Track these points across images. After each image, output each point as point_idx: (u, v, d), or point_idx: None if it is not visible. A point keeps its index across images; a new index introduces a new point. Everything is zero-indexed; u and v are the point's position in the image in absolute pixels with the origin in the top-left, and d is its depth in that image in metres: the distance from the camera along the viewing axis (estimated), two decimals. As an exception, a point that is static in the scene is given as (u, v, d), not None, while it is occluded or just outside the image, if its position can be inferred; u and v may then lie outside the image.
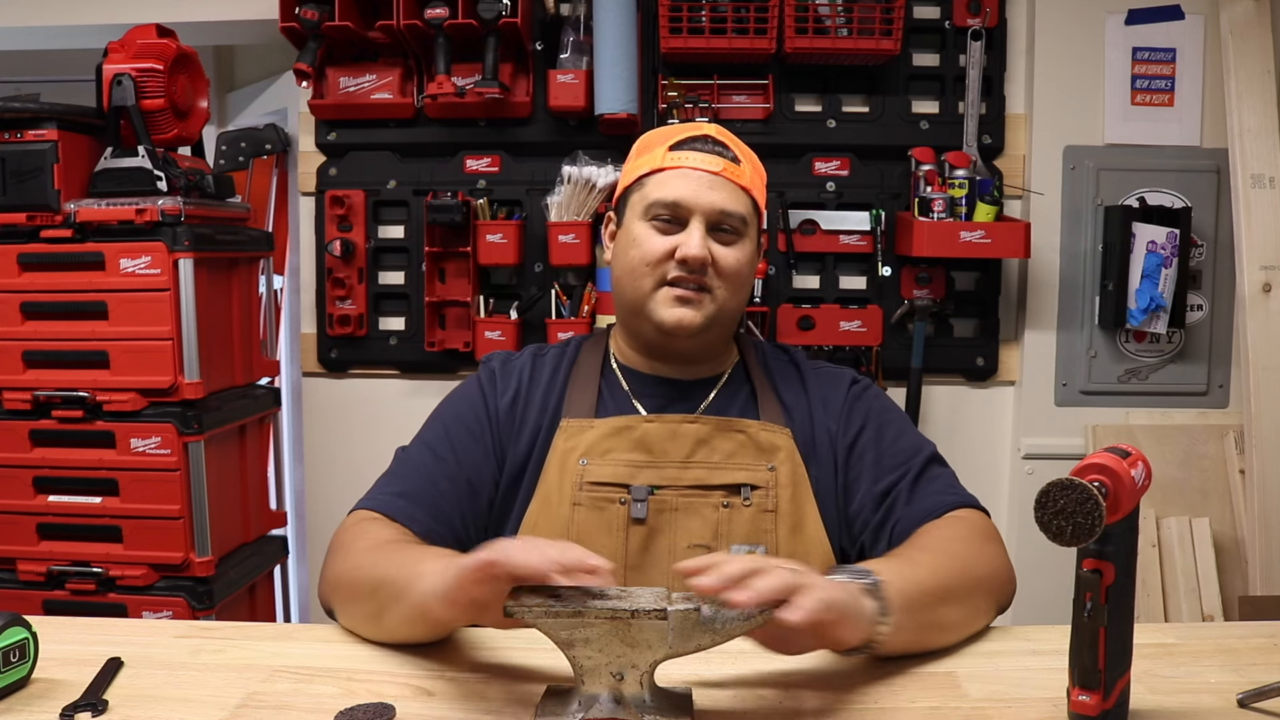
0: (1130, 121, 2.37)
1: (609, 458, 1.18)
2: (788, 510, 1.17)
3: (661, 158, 1.20)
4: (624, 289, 1.22)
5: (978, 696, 0.88)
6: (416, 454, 1.21)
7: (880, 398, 1.28)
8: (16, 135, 1.99)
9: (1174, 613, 2.25)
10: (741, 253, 1.19)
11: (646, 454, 1.18)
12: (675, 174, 1.18)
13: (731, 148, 1.22)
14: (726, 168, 1.18)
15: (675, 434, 1.19)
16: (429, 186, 2.41)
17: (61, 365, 2.04)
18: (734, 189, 1.18)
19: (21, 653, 0.87)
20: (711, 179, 1.17)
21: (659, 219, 1.18)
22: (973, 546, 1.07)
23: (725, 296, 1.18)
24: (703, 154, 1.19)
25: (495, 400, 1.24)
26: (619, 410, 1.22)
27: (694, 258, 1.15)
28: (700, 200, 1.17)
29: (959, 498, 1.16)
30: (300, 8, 2.25)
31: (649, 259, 1.17)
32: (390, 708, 0.84)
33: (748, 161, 1.22)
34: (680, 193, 1.17)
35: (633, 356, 1.27)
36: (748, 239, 1.20)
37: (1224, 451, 2.36)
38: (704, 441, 1.19)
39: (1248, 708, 0.85)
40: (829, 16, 2.26)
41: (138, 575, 2.04)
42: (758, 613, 0.81)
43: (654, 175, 1.20)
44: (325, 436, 2.54)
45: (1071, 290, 2.40)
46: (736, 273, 1.18)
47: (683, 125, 1.25)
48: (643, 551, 1.15)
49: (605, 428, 1.19)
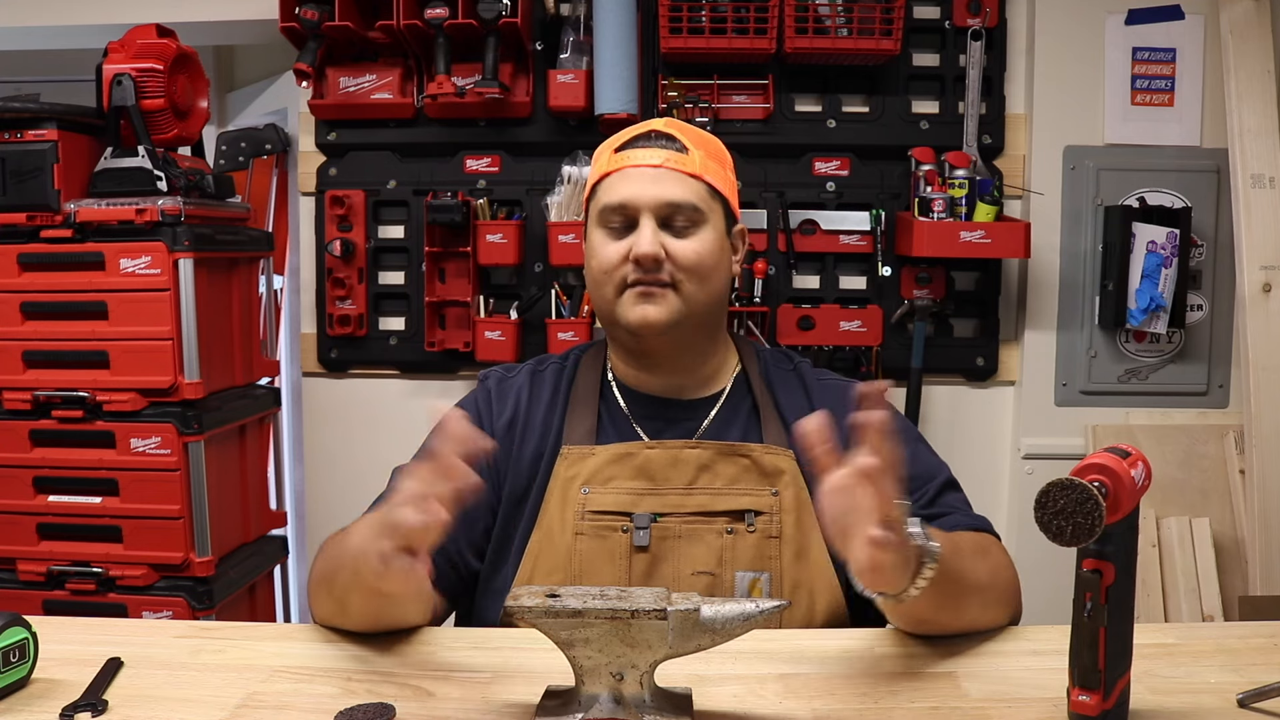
0: (1130, 121, 2.37)
1: (611, 485, 1.16)
2: (792, 535, 1.15)
3: (608, 161, 1.20)
4: (595, 301, 1.23)
5: (978, 696, 0.88)
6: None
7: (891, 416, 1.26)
8: (16, 135, 1.99)
9: (1174, 613, 2.25)
10: (700, 243, 1.17)
11: (648, 481, 1.16)
12: (619, 176, 1.18)
13: (679, 137, 1.20)
14: (670, 158, 1.17)
15: (677, 460, 1.17)
16: (429, 186, 2.41)
17: (61, 365, 2.04)
18: (681, 178, 1.17)
19: (21, 653, 0.87)
20: (655, 173, 1.16)
21: (611, 223, 1.18)
22: (993, 559, 1.07)
23: (692, 289, 1.17)
24: (646, 149, 1.18)
25: (492, 423, 1.22)
26: (619, 434, 1.21)
27: (645, 255, 1.14)
28: (645, 196, 1.16)
29: (975, 522, 1.14)
30: (300, 8, 2.25)
31: (606, 266, 1.18)
32: (390, 708, 0.84)
33: (698, 148, 1.20)
34: (625, 193, 1.16)
35: (628, 372, 1.25)
36: (708, 227, 1.18)
37: (1224, 451, 2.36)
38: (706, 467, 1.17)
39: (1248, 708, 0.85)
40: (829, 16, 2.26)
41: (138, 575, 2.04)
42: (758, 613, 0.81)
43: (603, 180, 1.20)
44: (325, 436, 2.54)
45: (1071, 290, 2.40)
46: (697, 264, 1.16)
47: (632, 127, 1.24)
48: (646, 579, 1.14)
49: (606, 455, 1.17)
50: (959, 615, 0.99)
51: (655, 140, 1.20)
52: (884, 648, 0.99)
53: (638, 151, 1.18)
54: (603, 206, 1.18)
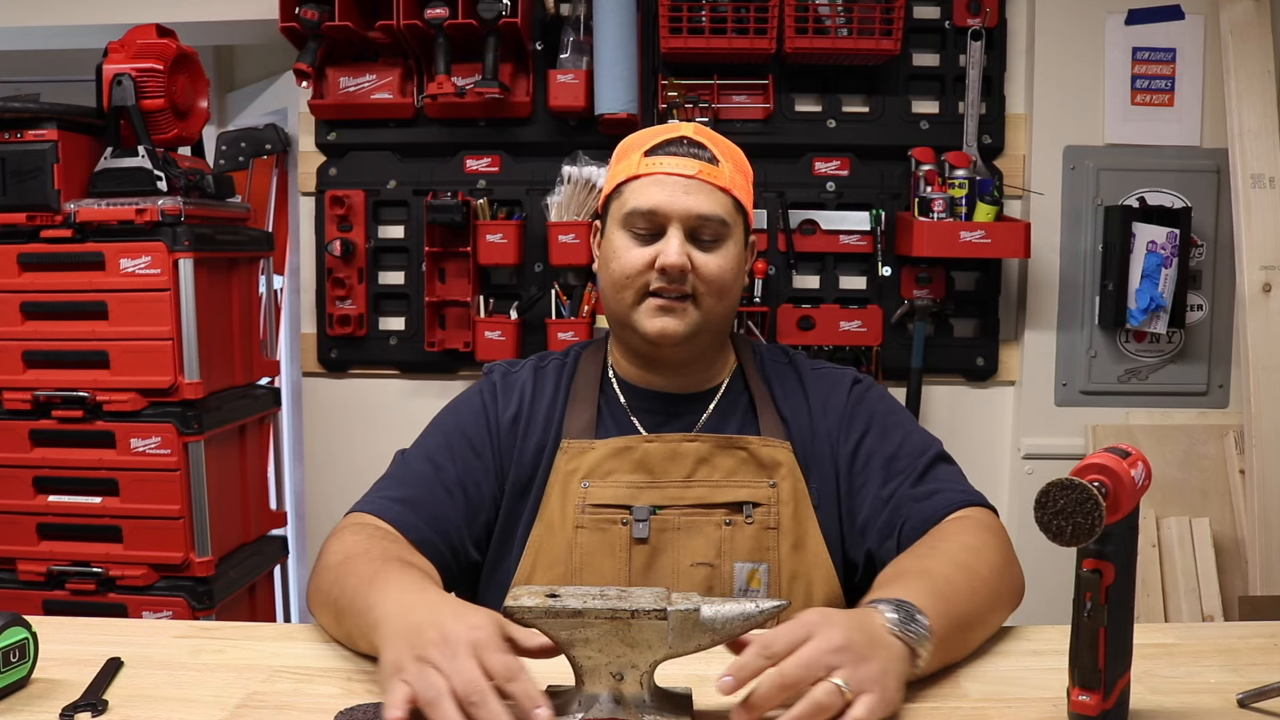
0: (1130, 121, 2.37)
1: (610, 479, 1.17)
2: (789, 527, 1.16)
3: (637, 164, 1.18)
4: (609, 302, 1.21)
5: (978, 696, 0.88)
6: (416, 462, 1.20)
7: (883, 399, 1.26)
8: (16, 135, 1.99)
9: (1174, 613, 2.25)
10: (724, 258, 1.17)
11: (647, 474, 1.17)
12: (650, 181, 1.16)
13: (710, 147, 1.18)
14: (703, 170, 1.16)
15: (675, 453, 1.18)
16: (429, 186, 2.41)
17: (61, 365, 2.04)
18: (712, 191, 1.16)
19: (21, 653, 0.87)
20: (688, 183, 1.15)
21: (637, 228, 1.16)
22: (985, 557, 1.04)
23: (711, 303, 1.16)
24: (678, 158, 1.16)
25: (498, 416, 1.23)
26: (618, 427, 1.22)
27: (672, 266, 1.13)
28: (676, 207, 1.14)
29: (968, 496, 1.15)
30: (300, 8, 2.25)
31: (629, 271, 1.16)
32: (390, 708, 0.84)
33: (728, 160, 1.19)
34: (656, 200, 1.15)
35: (629, 369, 1.26)
36: (731, 241, 1.18)
37: (1224, 451, 2.36)
38: (705, 460, 1.18)
39: (1248, 708, 0.85)
40: (829, 16, 2.26)
41: (138, 575, 2.04)
42: (758, 613, 0.81)
43: (631, 183, 1.18)
44: (325, 436, 2.54)
45: (1071, 290, 2.40)
46: (719, 278, 1.16)
47: (660, 128, 1.22)
48: (646, 571, 1.15)
49: (606, 449, 1.18)
50: (966, 647, 0.97)
51: (687, 147, 1.17)
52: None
53: (670, 159, 1.16)
54: (630, 210, 1.16)
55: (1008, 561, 1.07)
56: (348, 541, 1.06)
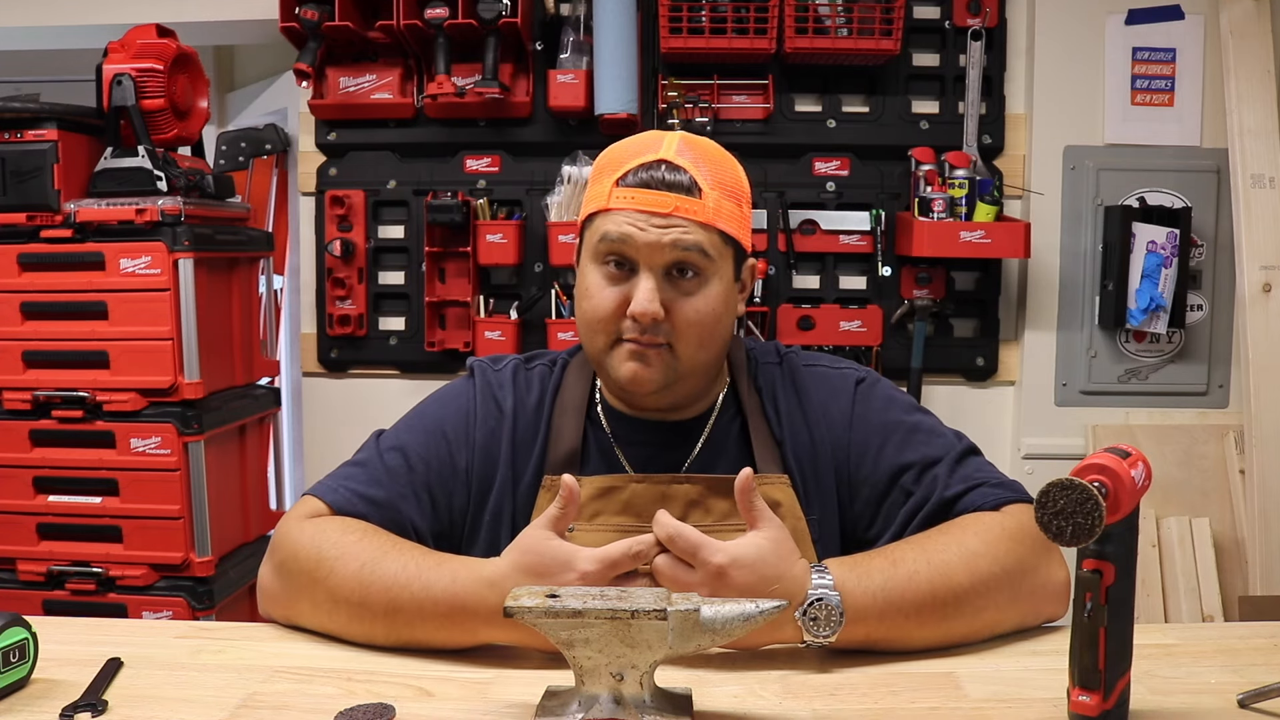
0: (1130, 121, 2.37)
1: (597, 522, 1.09)
2: None
3: (608, 194, 1.06)
4: (584, 339, 1.12)
5: (978, 696, 0.88)
6: (390, 456, 1.15)
7: (891, 405, 1.18)
8: (16, 135, 1.99)
9: (1174, 613, 2.25)
10: (705, 299, 1.05)
11: (635, 519, 1.08)
12: (622, 216, 1.04)
13: (691, 171, 1.05)
14: (679, 206, 1.03)
15: (665, 496, 1.09)
16: (429, 186, 2.41)
17: (61, 365, 2.04)
18: (691, 227, 1.03)
19: (21, 653, 0.87)
20: (663, 221, 1.03)
21: (609, 262, 1.06)
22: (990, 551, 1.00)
23: (690, 350, 1.06)
24: (652, 191, 1.04)
25: (476, 428, 1.16)
26: (603, 460, 1.14)
27: (642, 314, 1.02)
28: (648, 247, 1.03)
29: (999, 494, 1.09)
30: (300, 8, 2.25)
31: (600, 315, 1.06)
32: (390, 708, 0.84)
33: (711, 185, 1.05)
34: (627, 237, 1.03)
35: (613, 395, 1.17)
36: (716, 278, 1.06)
37: (1224, 451, 2.36)
38: (696, 503, 1.09)
39: (1248, 708, 0.84)
40: (829, 16, 2.26)
41: (138, 575, 2.04)
42: (758, 613, 0.81)
43: (603, 214, 1.06)
44: (325, 436, 2.54)
45: (1071, 290, 2.40)
46: (697, 324, 1.05)
47: (638, 145, 1.09)
48: None
49: (591, 489, 1.09)
50: (946, 630, 0.96)
51: (666, 174, 1.04)
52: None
53: (644, 193, 1.04)
54: (601, 239, 1.05)
55: (1019, 561, 1.01)
56: (340, 541, 1.02)
